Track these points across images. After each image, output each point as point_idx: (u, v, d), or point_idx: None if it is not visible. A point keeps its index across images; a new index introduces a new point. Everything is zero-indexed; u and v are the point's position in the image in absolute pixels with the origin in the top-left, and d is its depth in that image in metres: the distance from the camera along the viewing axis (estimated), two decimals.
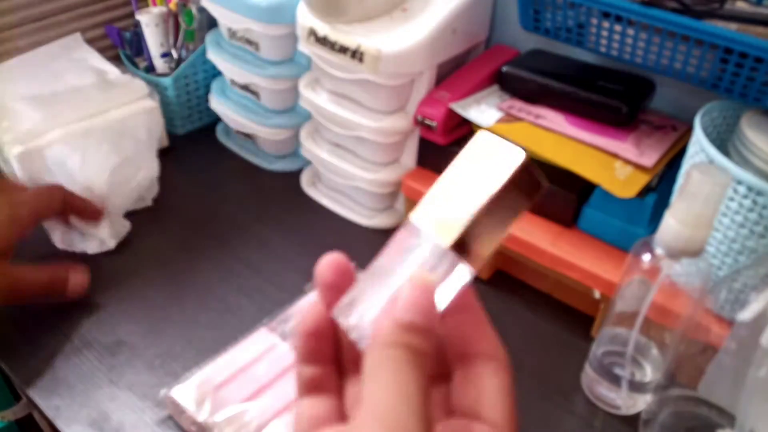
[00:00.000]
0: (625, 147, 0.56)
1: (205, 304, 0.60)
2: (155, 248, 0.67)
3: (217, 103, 0.80)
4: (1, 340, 0.56)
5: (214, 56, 0.76)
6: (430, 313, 0.23)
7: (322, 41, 0.62)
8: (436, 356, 0.25)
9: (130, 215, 0.70)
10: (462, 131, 0.64)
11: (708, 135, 0.51)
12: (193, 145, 0.84)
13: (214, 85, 0.82)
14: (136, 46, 0.86)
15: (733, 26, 0.45)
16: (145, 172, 0.69)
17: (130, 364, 0.54)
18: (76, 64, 0.77)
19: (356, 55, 0.60)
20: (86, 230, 0.65)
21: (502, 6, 0.69)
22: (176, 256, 0.66)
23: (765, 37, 0.44)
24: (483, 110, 0.61)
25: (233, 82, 0.78)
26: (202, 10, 0.78)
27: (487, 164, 0.24)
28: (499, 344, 0.25)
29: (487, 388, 0.25)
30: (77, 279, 0.58)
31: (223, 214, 0.72)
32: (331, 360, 0.26)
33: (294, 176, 0.79)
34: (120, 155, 0.65)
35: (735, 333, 0.43)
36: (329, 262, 0.25)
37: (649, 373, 0.52)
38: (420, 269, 0.23)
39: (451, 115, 0.61)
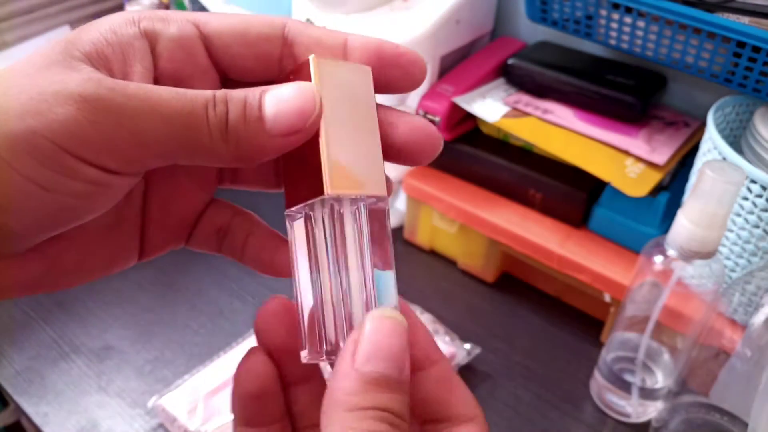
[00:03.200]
0: (636, 143, 0.57)
1: (196, 308, 0.62)
2: None
3: None
4: None
5: None
6: (403, 360, 0.19)
7: None
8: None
9: None
10: (466, 126, 0.65)
11: (721, 131, 0.52)
12: None
13: None
14: None
15: (745, 19, 0.46)
16: None
17: (120, 370, 0.55)
18: None
19: None
20: None
21: None
22: (167, 257, 0.66)
23: None
24: (488, 104, 0.62)
25: None
26: (195, 1, 0.80)
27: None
28: (473, 402, 0.22)
29: None
30: None
31: None
32: (281, 416, 0.24)
33: None
34: None
35: (748, 337, 0.44)
36: (274, 311, 0.23)
37: (660, 380, 0.53)
38: (384, 310, 0.20)
39: (455, 109, 0.62)
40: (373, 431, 0.18)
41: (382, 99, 0.23)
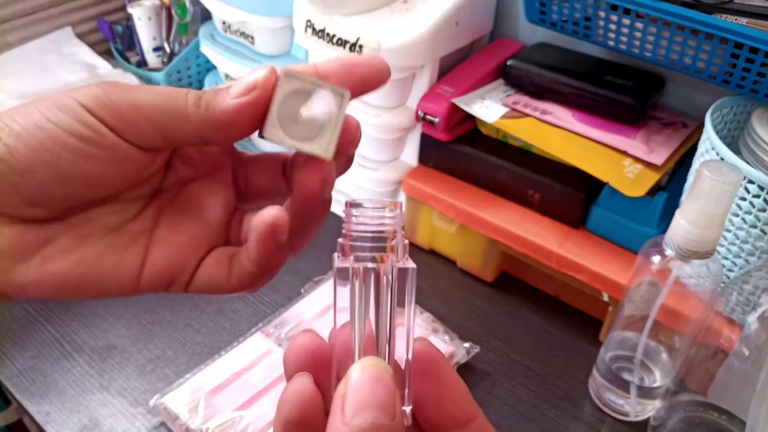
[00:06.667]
0: (634, 144, 0.57)
1: (198, 307, 0.61)
2: None
3: None
4: None
5: (207, 50, 0.77)
6: (392, 405, 0.19)
7: (320, 34, 0.63)
8: None
9: None
10: (466, 127, 0.65)
11: (718, 132, 0.52)
12: None
13: (208, 80, 0.83)
14: (128, 40, 0.87)
15: (743, 21, 0.46)
16: None
17: (122, 368, 0.55)
18: (66, 59, 0.78)
19: (355, 48, 0.61)
20: None
21: None
22: None
23: None
24: (487, 105, 0.62)
25: (228, 77, 0.79)
26: (196, 3, 0.79)
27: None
28: (470, 403, 0.22)
29: None
30: None
31: None
32: None
33: None
34: None
35: (745, 336, 0.44)
36: (299, 350, 0.23)
37: (658, 378, 0.52)
38: (366, 360, 0.20)
39: (454, 110, 0.62)
40: None
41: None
